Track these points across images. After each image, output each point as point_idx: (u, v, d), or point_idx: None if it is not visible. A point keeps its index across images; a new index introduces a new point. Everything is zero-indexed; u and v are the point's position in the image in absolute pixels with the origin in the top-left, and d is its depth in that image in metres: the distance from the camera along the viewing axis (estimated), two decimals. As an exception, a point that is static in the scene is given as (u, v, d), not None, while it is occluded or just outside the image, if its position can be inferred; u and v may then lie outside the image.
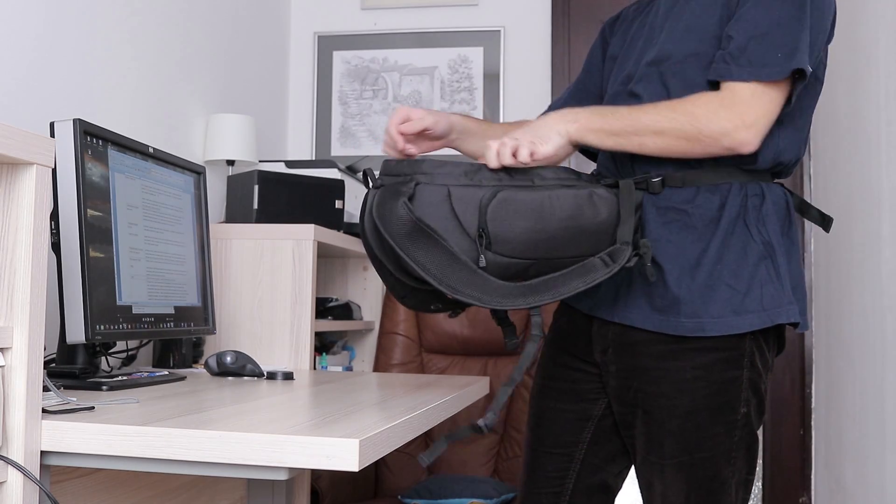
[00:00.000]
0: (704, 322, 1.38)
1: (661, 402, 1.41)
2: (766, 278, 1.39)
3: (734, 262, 1.39)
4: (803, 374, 3.02)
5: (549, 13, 3.19)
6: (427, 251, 1.28)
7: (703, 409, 1.39)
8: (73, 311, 1.48)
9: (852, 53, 2.49)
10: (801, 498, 3.00)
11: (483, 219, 1.30)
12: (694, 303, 1.39)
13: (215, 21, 2.75)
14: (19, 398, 1.07)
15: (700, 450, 1.40)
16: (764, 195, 1.42)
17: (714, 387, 1.39)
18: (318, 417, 1.24)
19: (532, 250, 1.32)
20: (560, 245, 1.33)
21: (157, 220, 1.77)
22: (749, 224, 1.40)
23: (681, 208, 1.41)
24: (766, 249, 1.40)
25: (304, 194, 2.46)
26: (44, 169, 1.11)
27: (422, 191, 1.30)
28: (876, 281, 2.23)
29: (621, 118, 1.38)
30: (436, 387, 1.76)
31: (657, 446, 1.42)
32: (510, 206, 1.31)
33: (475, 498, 2.46)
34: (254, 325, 2.26)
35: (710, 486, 1.41)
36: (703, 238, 1.40)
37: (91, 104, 2.13)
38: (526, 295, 1.30)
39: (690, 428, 1.40)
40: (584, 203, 1.34)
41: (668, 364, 1.41)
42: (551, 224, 1.32)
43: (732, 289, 1.38)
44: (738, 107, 1.34)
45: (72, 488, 1.36)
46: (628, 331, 1.45)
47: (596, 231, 1.35)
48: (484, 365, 2.83)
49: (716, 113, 1.34)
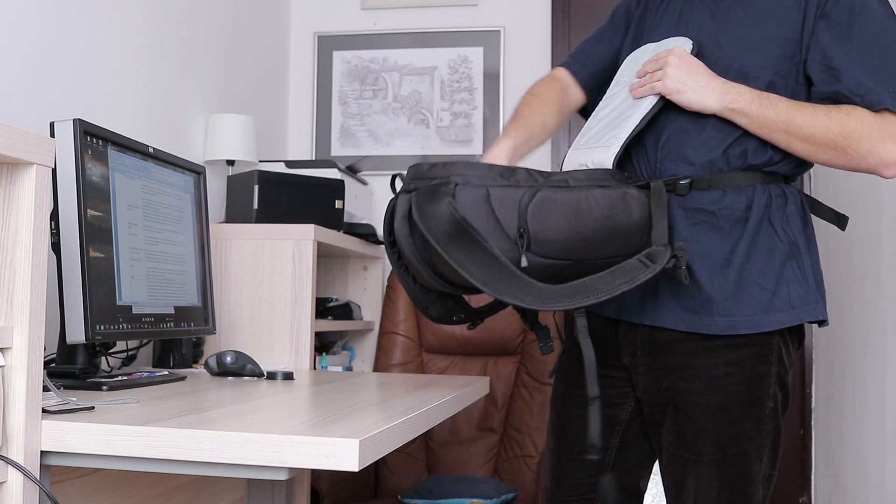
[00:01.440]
0: (737, 321, 1.41)
1: (694, 398, 1.43)
2: (793, 277, 1.42)
3: (762, 261, 1.42)
4: (803, 374, 3.02)
5: (549, 13, 3.19)
6: (469, 252, 1.27)
7: (735, 404, 1.42)
8: (73, 311, 1.48)
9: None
10: (801, 498, 3.00)
11: (524, 218, 1.29)
12: (726, 302, 1.41)
13: (215, 21, 2.75)
14: (19, 398, 1.07)
15: (732, 445, 1.42)
16: (786, 196, 1.46)
17: (745, 383, 1.42)
18: (318, 417, 1.24)
19: (569, 251, 1.32)
20: (595, 246, 1.34)
21: (157, 220, 1.77)
22: (774, 224, 1.43)
23: (708, 209, 1.43)
24: (792, 249, 1.43)
25: (304, 194, 2.46)
26: (44, 169, 1.11)
27: (461, 192, 1.29)
28: (876, 281, 2.23)
29: (779, 112, 1.39)
30: (436, 387, 1.76)
31: (690, 443, 1.44)
32: (549, 205, 1.31)
33: (475, 498, 2.47)
34: (254, 325, 2.26)
35: (741, 481, 1.43)
36: (730, 238, 1.43)
37: (91, 104, 2.13)
38: (572, 296, 1.29)
39: (723, 424, 1.42)
40: (618, 203, 1.35)
41: (699, 361, 1.43)
42: (588, 224, 1.32)
43: (761, 287, 1.41)
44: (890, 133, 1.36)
45: (72, 488, 1.36)
46: (657, 331, 1.47)
47: (629, 232, 1.36)
48: (484, 365, 2.83)
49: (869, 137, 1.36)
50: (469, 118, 3.19)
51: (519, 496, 2.58)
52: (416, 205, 1.30)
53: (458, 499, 2.47)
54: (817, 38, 1.42)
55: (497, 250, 1.28)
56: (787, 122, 1.38)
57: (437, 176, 1.32)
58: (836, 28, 1.41)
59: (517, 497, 2.57)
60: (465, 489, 2.50)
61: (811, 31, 1.43)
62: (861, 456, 2.39)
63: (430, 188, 1.31)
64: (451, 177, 1.31)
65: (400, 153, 3.20)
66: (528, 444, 2.69)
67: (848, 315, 2.51)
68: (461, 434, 2.79)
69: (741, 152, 1.45)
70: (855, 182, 2.45)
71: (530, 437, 2.69)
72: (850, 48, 1.40)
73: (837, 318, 2.65)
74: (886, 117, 1.37)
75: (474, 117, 3.20)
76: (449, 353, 2.88)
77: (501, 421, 2.78)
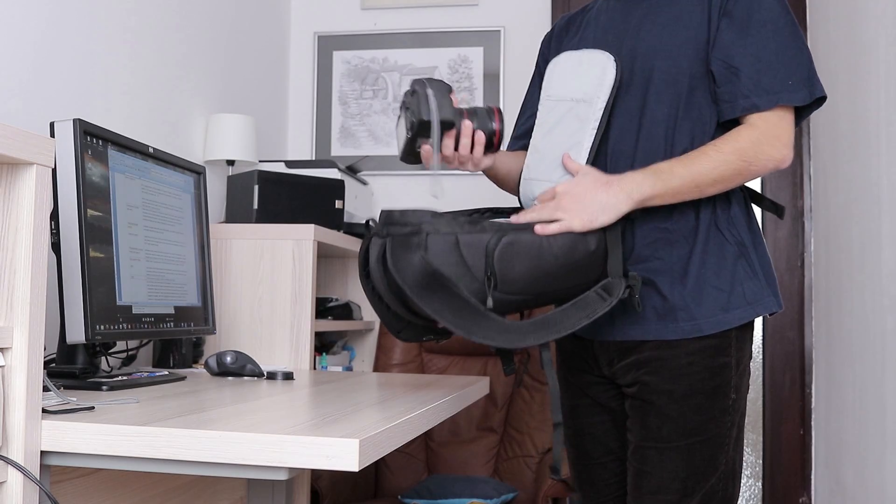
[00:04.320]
0: (700, 323, 1.49)
1: (659, 387, 1.50)
2: (745, 275, 1.51)
3: (715, 265, 1.50)
4: (803, 374, 3.02)
5: (549, 13, 3.19)
6: (441, 299, 1.36)
7: (699, 392, 1.49)
8: (73, 311, 1.48)
9: (852, 53, 2.49)
10: (801, 498, 3.00)
11: (490, 261, 1.38)
12: (688, 307, 1.49)
13: (215, 21, 2.75)
14: (19, 398, 1.07)
15: (697, 433, 1.49)
16: (729, 199, 1.53)
17: (707, 371, 1.49)
18: (318, 417, 1.24)
19: (532, 287, 1.41)
20: (557, 280, 1.42)
21: (157, 220, 1.77)
22: (721, 228, 1.51)
23: (661, 227, 1.51)
24: (740, 249, 1.52)
25: (304, 194, 2.46)
26: (44, 169, 1.11)
27: (432, 241, 1.38)
28: (876, 281, 2.23)
29: (679, 175, 1.44)
30: (436, 387, 1.76)
31: (655, 432, 1.50)
32: (514, 248, 1.40)
33: (475, 498, 2.47)
34: (254, 325, 2.26)
35: (706, 470, 1.49)
36: (685, 249, 1.51)
37: (91, 104, 2.13)
38: (536, 332, 1.39)
39: (688, 411, 1.49)
40: (575, 239, 1.42)
41: (663, 353, 1.50)
42: (549, 261, 1.41)
43: (718, 289, 1.50)
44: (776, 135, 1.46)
45: (72, 488, 1.36)
46: (628, 341, 1.55)
47: (588, 264, 1.44)
48: (484, 365, 2.83)
49: (761, 147, 1.45)
50: (469, 118, 3.19)
51: (519, 496, 2.58)
52: (390, 254, 1.37)
53: (458, 499, 2.47)
54: (720, 36, 1.48)
55: (467, 293, 1.37)
56: (692, 179, 1.44)
57: (408, 223, 1.39)
58: (736, 26, 1.47)
59: (517, 497, 2.57)
60: (465, 489, 2.50)
61: (716, 30, 1.48)
62: (861, 456, 2.39)
63: (402, 238, 1.38)
64: (423, 224, 1.38)
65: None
66: (528, 444, 2.69)
67: (848, 315, 2.51)
68: (461, 434, 2.79)
69: None
70: (855, 182, 2.45)
71: (530, 437, 2.70)
72: (749, 45, 1.46)
73: (837, 318, 2.65)
74: (777, 114, 1.46)
75: (474, 117, 3.19)
76: (449, 353, 2.88)
77: (501, 421, 2.78)
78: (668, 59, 1.50)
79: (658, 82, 1.50)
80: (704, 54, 1.49)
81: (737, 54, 1.47)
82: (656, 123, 1.50)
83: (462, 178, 3.05)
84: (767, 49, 1.46)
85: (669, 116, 1.50)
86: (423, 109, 1.45)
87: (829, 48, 2.74)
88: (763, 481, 3.08)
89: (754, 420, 3.12)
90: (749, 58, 1.46)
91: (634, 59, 1.52)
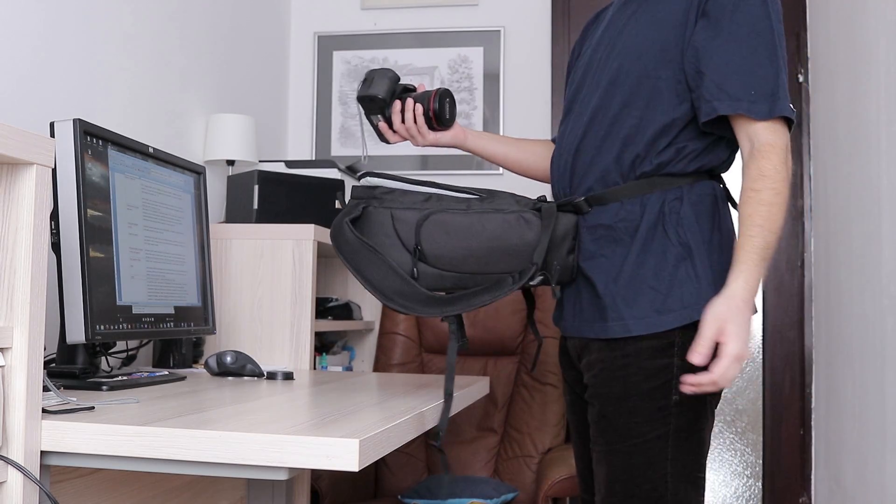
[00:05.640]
0: (629, 323, 1.48)
1: (600, 390, 1.52)
2: (685, 278, 1.48)
3: (655, 266, 1.49)
4: (803, 374, 3.02)
5: (549, 13, 3.19)
6: (370, 264, 1.50)
7: (634, 394, 1.47)
8: (73, 311, 1.48)
9: (852, 53, 2.49)
10: (801, 498, 3.00)
11: (417, 237, 1.50)
12: (618, 307, 1.49)
13: (215, 21, 2.75)
14: (19, 398, 1.07)
15: (634, 435, 1.47)
16: (682, 198, 1.50)
17: (643, 373, 1.47)
18: (318, 417, 1.24)
19: (461, 265, 1.51)
20: (487, 262, 1.51)
21: (157, 220, 1.77)
22: (667, 228, 1.49)
23: (607, 224, 1.52)
24: (685, 251, 1.48)
25: (304, 194, 2.46)
26: (44, 169, 1.11)
27: (372, 213, 1.53)
28: (876, 281, 2.23)
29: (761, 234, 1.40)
30: (436, 387, 1.76)
31: (599, 434, 1.51)
32: (440, 226, 1.51)
33: (475, 498, 2.47)
34: (254, 325, 2.26)
35: (646, 474, 1.46)
36: (626, 247, 1.51)
37: (91, 104, 2.13)
38: (442, 305, 1.48)
39: (624, 413, 1.47)
40: (511, 225, 1.50)
41: (603, 355, 1.51)
42: (476, 243, 1.50)
43: (655, 290, 1.48)
44: (775, 147, 1.43)
45: (72, 488, 1.36)
46: (582, 338, 1.58)
47: (522, 251, 1.50)
48: (484, 365, 2.83)
49: (774, 165, 1.42)
50: (469, 118, 3.19)
51: (519, 496, 2.58)
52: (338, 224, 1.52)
53: (457, 499, 2.47)
54: (694, 37, 1.46)
55: (394, 263, 1.49)
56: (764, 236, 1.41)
57: (358, 197, 1.55)
58: (711, 27, 1.45)
59: (517, 497, 2.57)
60: (465, 489, 2.50)
61: (692, 30, 1.47)
62: (861, 456, 2.39)
63: (346, 208, 1.54)
64: (370, 200, 1.53)
65: (400, 153, 3.20)
66: (528, 444, 2.69)
67: (848, 315, 2.51)
68: (461, 434, 2.79)
69: (630, 163, 1.51)
70: (855, 182, 2.45)
71: (530, 437, 2.70)
72: (717, 48, 1.44)
73: (837, 318, 2.65)
74: (756, 137, 1.43)
75: (474, 117, 3.20)
76: (449, 353, 2.88)
77: (501, 421, 2.78)
78: (634, 58, 1.50)
79: (624, 83, 1.51)
80: (673, 54, 1.48)
81: (704, 57, 1.44)
82: (611, 121, 1.52)
83: (494, 178, 3.05)
84: (737, 54, 1.43)
85: (627, 115, 1.50)
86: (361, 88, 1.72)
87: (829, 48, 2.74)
88: (763, 481, 3.08)
89: (754, 420, 3.12)
90: (715, 61, 1.43)
91: (610, 58, 1.54)
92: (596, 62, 1.59)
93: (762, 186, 1.41)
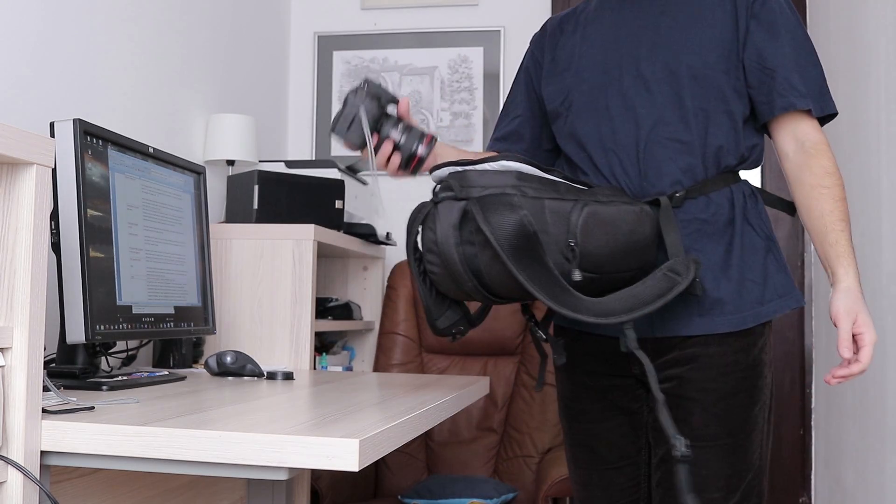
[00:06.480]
0: (745, 316, 1.49)
1: (705, 385, 1.49)
2: (774, 269, 1.52)
3: (750, 259, 1.51)
4: (803, 374, 3.02)
5: (548, 13, 3.19)
6: (530, 265, 1.27)
7: (742, 390, 1.49)
8: (73, 311, 1.48)
9: (852, 53, 2.49)
10: (801, 498, 3.00)
11: (574, 232, 1.31)
12: (734, 301, 1.49)
13: (215, 21, 2.75)
14: (19, 398, 1.07)
15: (742, 431, 1.49)
16: (755, 194, 1.55)
17: (749, 370, 1.50)
18: (318, 417, 1.24)
19: (602, 265, 1.35)
20: (618, 259, 1.37)
21: (157, 220, 1.77)
22: (752, 222, 1.52)
23: (700, 218, 1.50)
24: (768, 243, 1.53)
25: (304, 194, 2.46)
26: (44, 169, 1.11)
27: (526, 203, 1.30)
28: (876, 281, 2.23)
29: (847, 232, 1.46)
30: (436, 387, 1.76)
31: (700, 429, 1.47)
32: (595, 219, 1.33)
33: (475, 498, 2.47)
34: (254, 325, 2.26)
35: (746, 467, 1.49)
36: (723, 241, 1.50)
37: (91, 104, 2.13)
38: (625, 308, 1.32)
39: (735, 408, 1.48)
40: (638, 218, 1.39)
41: (711, 350, 1.49)
42: (618, 238, 1.35)
43: (754, 282, 1.50)
44: (826, 144, 1.53)
45: (72, 488, 1.36)
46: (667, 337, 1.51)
47: (645, 247, 1.41)
48: (484, 365, 2.83)
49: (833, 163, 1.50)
50: (469, 118, 3.19)
51: (519, 496, 2.58)
52: (481, 214, 1.27)
53: (458, 499, 2.47)
54: (751, 37, 1.50)
55: (552, 264, 1.29)
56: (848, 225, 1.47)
57: (488, 185, 1.31)
58: (765, 29, 1.50)
59: (517, 497, 2.57)
60: (465, 489, 2.50)
61: (745, 31, 1.50)
62: (861, 456, 2.39)
63: (496, 198, 1.29)
64: (506, 187, 1.30)
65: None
66: (528, 444, 2.69)
67: (848, 315, 2.50)
68: (461, 434, 2.79)
69: (715, 157, 1.51)
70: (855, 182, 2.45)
71: (530, 437, 2.70)
72: (781, 48, 1.49)
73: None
74: (809, 131, 1.50)
75: (474, 117, 3.20)
76: (449, 353, 2.88)
77: (501, 421, 2.78)
78: (694, 54, 1.50)
79: (686, 77, 1.49)
80: (730, 52, 1.50)
81: (770, 56, 1.49)
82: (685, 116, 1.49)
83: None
84: (798, 54, 1.50)
85: (700, 110, 1.49)
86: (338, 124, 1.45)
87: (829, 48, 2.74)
88: (763, 481, 3.08)
89: (754, 420, 3.12)
90: (782, 59, 1.48)
91: (656, 54, 1.51)
92: (625, 60, 1.53)
93: (831, 183, 1.47)
